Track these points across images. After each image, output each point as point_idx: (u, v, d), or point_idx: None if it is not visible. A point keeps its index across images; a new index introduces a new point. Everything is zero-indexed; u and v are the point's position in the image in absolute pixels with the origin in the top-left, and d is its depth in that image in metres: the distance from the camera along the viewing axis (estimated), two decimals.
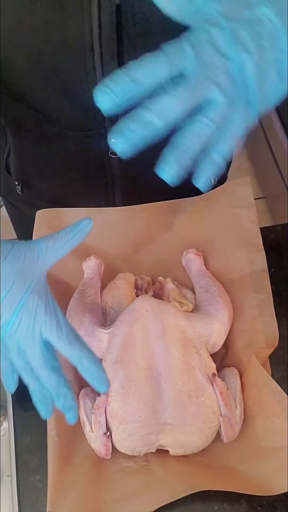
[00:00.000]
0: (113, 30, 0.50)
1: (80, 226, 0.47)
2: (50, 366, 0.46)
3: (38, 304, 0.44)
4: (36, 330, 0.44)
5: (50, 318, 0.45)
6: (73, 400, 0.47)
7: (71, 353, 0.45)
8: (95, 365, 0.46)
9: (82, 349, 0.45)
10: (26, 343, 0.45)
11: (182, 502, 0.55)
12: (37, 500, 0.59)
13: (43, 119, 0.62)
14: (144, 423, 0.55)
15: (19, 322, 0.44)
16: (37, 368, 0.46)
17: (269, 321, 0.63)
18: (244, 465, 0.56)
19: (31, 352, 0.45)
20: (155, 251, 0.70)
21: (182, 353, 0.58)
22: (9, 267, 0.44)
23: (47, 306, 0.45)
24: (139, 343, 0.58)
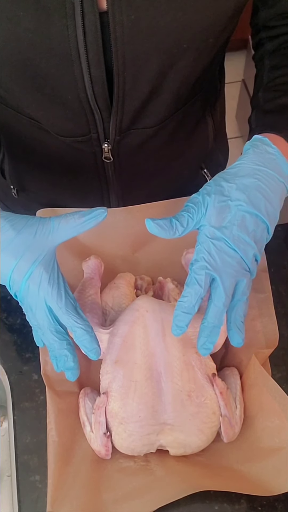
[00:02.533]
0: (98, 37, 0.50)
1: (94, 213, 0.51)
2: (54, 329, 0.51)
3: (43, 275, 0.49)
4: (41, 298, 0.50)
5: (52, 289, 0.50)
6: (73, 361, 0.52)
7: (67, 321, 0.51)
8: (87, 335, 0.51)
9: (77, 319, 0.51)
10: (35, 308, 0.50)
11: (182, 502, 0.55)
12: (37, 500, 0.59)
13: (35, 124, 0.62)
14: (144, 423, 0.55)
15: (28, 289, 0.50)
16: (43, 330, 0.51)
17: (269, 321, 0.63)
18: (244, 465, 0.56)
19: (39, 316, 0.51)
20: (155, 251, 0.70)
21: (182, 353, 0.58)
22: (21, 240, 0.49)
23: (52, 277, 0.50)
24: (139, 343, 0.58)
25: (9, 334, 0.70)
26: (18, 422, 0.63)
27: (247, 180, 0.52)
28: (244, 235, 0.51)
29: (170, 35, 0.51)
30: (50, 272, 0.50)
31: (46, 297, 0.50)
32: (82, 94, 0.55)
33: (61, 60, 0.52)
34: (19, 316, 0.71)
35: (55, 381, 0.61)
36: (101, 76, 0.54)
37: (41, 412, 0.63)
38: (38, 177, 0.75)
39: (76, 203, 0.72)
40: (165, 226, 0.51)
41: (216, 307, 0.52)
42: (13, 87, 0.56)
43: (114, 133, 0.61)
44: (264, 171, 0.53)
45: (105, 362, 0.59)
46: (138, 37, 0.51)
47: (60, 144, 0.64)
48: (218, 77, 0.73)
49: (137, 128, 0.62)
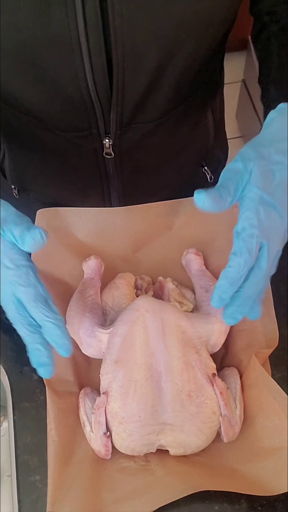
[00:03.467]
0: (99, 25, 0.50)
1: (33, 236, 0.46)
2: (25, 322, 0.48)
3: (9, 265, 0.47)
4: (8, 289, 0.47)
5: (19, 280, 0.47)
6: (47, 357, 0.48)
7: (35, 314, 0.47)
8: (57, 330, 0.47)
9: (47, 312, 0.47)
10: (4, 299, 0.48)
11: (182, 502, 0.55)
12: (37, 500, 0.59)
13: (35, 122, 0.62)
14: (144, 423, 0.55)
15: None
16: (15, 323, 0.48)
17: (269, 321, 0.63)
18: (244, 465, 0.56)
19: (7, 307, 0.48)
20: (155, 251, 0.70)
21: (182, 353, 0.58)
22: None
23: (18, 267, 0.47)
24: (139, 343, 0.58)
25: (9, 334, 0.70)
26: (18, 422, 0.63)
27: (284, 144, 0.49)
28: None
29: (169, 25, 0.51)
30: (16, 260, 0.47)
31: (14, 287, 0.47)
32: (83, 84, 0.55)
33: (61, 49, 0.51)
34: None
35: (55, 381, 0.61)
36: (102, 65, 0.53)
37: (41, 412, 0.63)
38: (39, 175, 0.75)
39: (77, 201, 0.72)
40: (217, 197, 0.46)
41: (257, 276, 0.48)
42: (13, 79, 0.56)
43: (114, 127, 0.61)
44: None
45: (105, 362, 0.59)
46: (137, 27, 0.51)
47: (60, 140, 0.64)
48: (219, 73, 0.73)
49: (138, 122, 0.62)
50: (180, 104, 0.64)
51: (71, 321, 0.62)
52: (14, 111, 0.61)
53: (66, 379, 0.62)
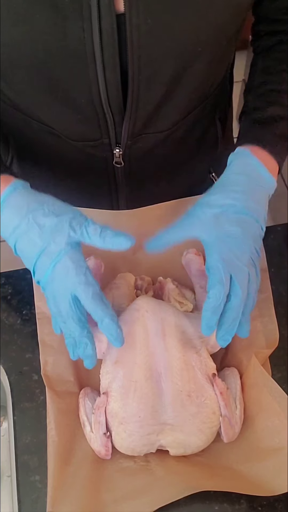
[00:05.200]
0: (114, 40, 0.50)
1: (121, 241, 0.52)
2: (76, 318, 0.51)
3: (70, 263, 0.50)
4: (67, 286, 0.50)
5: (79, 277, 0.50)
6: (92, 349, 0.53)
7: (93, 311, 0.51)
8: (114, 325, 0.52)
9: (104, 309, 0.51)
10: (59, 295, 0.51)
11: (182, 502, 0.55)
12: (37, 500, 0.59)
13: (46, 129, 0.62)
14: (144, 423, 0.55)
15: (53, 274, 0.50)
16: (65, 318, 0.52)
17: (269, 321, 0.63)
18: (244, 465, 0.56)
19: (62, 304, 0.51)
20: None
21: (182, 353, 0.58)
22: (52, 225, 0.51)
23: (79, 266, 0.51)
24: (139, 343, 0.58)
25: (9, 334, 0.70)
26: (18, 422, 0.63)
27: (236, 187, 0.55)
28: (241, 231, 0.53)
29: (186, 39, 0.51)
30: (77, 262, 0.51)
31: (73, 285, 0.50)
32: (96, 97, 0.55)
33: (76, 63, 0.51)
34: (19, 316, 0.71)
35: (55, 381, 0.61)
36: (116, 79, 0.53)
37: (41, 412, 0.63)
38: (47, 180, 0.75)
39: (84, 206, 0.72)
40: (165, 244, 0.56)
41: (235, 301, 0.53)
42: (26, 89, 0.56)
43: (126, 137, 0.61)
44: (245, 179, 0.56)
45: (105, 362, 0.59)
46: (154, 41, 0.50)
47: (71, 148, 0.64)
48: (228, 81, 0.73)
49: (148, 132, 0.62)
50: (190, 113, 0.64)
51: None
52: (25, 118, 0.61)
53: (66, 379, 0.62)
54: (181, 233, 0.55)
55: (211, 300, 0.51)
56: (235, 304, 0.53)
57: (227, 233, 0.53)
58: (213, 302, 0.51)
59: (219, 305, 0.51)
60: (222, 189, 0.55)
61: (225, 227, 0.53)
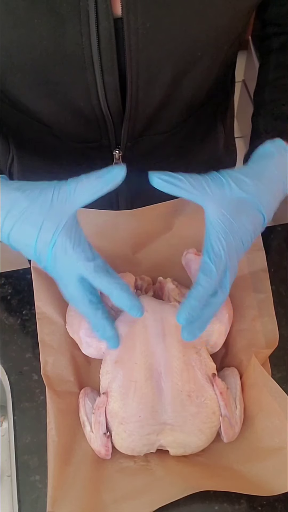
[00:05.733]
0: (112, 44, 0.50)
1: (111, 174, 0.48)
2: (87, 300, 0.50)
3: (67, 243, 0.47)
4: (70, 268, 0.48)
5: (78, 254, 0.48)
6: (111, 329, 0.51)
7: (99, 284, 0.49)
8: (125, 293, 0.49)
9: (110, 281, 0.48)
10: (65, 279, 0.49)
11: (182, 502, 0.55)
12: (37, 500, 0.59)
13: (45, 129, 0.62)
14: (144, 423, 0.55)
15: (55, 259, 0.48)
16: (76, 302, 0.50)
17: (269, 321, 0.63)
18: (244, 465, 0.56)
19: (70, 287, 0.49)
20: (155, 251, 0.70)
21: (182, 353, 0.58)
22: (37, 209, 0.47)
23: (76, 243, 0.48)
24: (139, 343, 0.58)
25: (9, 334, 0.70)
26: (18, 422, 0.63)
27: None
28: (251, 227, 0.51)
29: (185, 43, 0.51)
30: (73, 239, 0.48)
31: (74, 264, 0.48)
32: (95, 101, 0.55)
33: (74, 67, 0.51)
34: (19, 316, 0.71)
35: (55, 381, 0.61)
36: (114, 83, 0.53)
37: (41, 412, 0.63)
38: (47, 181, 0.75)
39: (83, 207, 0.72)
40: (171, 182, 0.50)
41: (220, 298, 0.51)
42: (25, 93, 0.56)
43: (125, 139, 0.61)
44: (278, 175, 0.53)
45: (105, 362, 0.59)
46: (152, 45, 0.50)
47: (70, 149, 0.64)
48: (230, 84, 0.73)
49: (148, 134, 0.62)
50: (191, 115, 0.63)
51: (71, 321, 0.62)
52: (25, 118, 0.61)
53: (66, 379, 0.62)
54: (191, 189, 0.50)
55: (201, 289, 0.49)
56: (219, 301, 0.51)
57: (239, 222, 0.50)
58: (203, 291, 0.49)
59: (207, 297, 0.49)
60: (256, 176, 0.52)
61: (241, 216, 0.50)
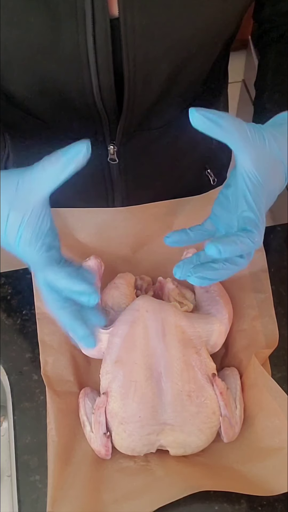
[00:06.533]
0: (108, 43, 0.50)
1: (73, 150, 0.44)
2: (50, 299, 0.47)
3: (31, 237, 0.45)
4: (37, 266, 0.46)
5: (38, 248, 0.45)
6: (81, 329, 0.48)
7: (51, 277, 0.46)
8: (71, 280, 0.46)
9: (57, 270, 0.46)
10: (35, 273, 0.47)
11: (182, 502, 0.55)
12: (37, 500, 0.59)
13: (41, 125, 0.62)
14: (144, 423, 0.55)
15: (24, 252, 0.45)
16: (45, 300, 0.48)
17: (269, 321, 0.63)
18: (244, 465, 0.56)
19: (39, 284, 0.48)
20: (155, 251, 0.70)
21: (182, 353, 0.58)
22: (4, 199, 0.44)
23: (37, 236, 0.45)
24: (139, 343, 0.58)
25: (9, 334, 0.70)
26: (18, 422, 0.63)
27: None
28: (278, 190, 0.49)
29: (181, 40, 0.52)
30: (37, 230, 0.45)
31: (36, 257, 0.45)
32: (90, 99, 0.55)
33: (70, 66, 0.52)
34: (19, 316, 0.71)
35: (55, 381, 0.61)
36: (110, 82, 0.54)
37: (41, 412, 0.63)
38: None
39: (80, 203, 0.72)
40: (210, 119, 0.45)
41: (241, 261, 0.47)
42: (22, 89, 0.56)
43: (120, 135, 0.61)
44: None
45: (105, 362, 0.59)
46: (149, 42, 0.51)
47: (65, 144, 0.64)
48: (223, 77, 0.73)
49: (143, 130, 0.63)
50: (184, 110, 0.64)
51: None
52: (21, 113, 0.62)
53: (66, 379, 0.62)
54: (233, 131, 0.45)
55: (246, 241, 0.44)
56: (241, 263, 0.47)
57: (272, 180, 0.46)
58: (244, 246, 0.44)
59: (237, 251, 0.45)
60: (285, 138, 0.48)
61: (274, 175, 0.46)
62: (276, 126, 0.49)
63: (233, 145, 0.45)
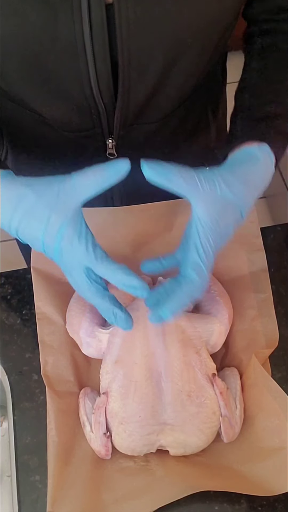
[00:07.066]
0: (104, 32, 0.50)
1: (116, 167, 0.49)
2: (94, 289, 0.51)
3: (73, 235, 0.49)
4: (76, 258, 0.49)
5: (82, 245, 0.49)
6: (122, 312, 0.53)
7: (104, 272, 0.50)
8: (128, 276, 0.50)
9: (111, 265, 0.50)
10: (72, 269, 0.51)
11: (182, 502, 0.55)
12: (37, 500, 0.59)
13: (39, 119, 0.62)
14: (144, 423, 0.55)
15: (61, 252, 0.49)
16: (83, 292, 0.52)
17: (269, 321, 0.63)
18: (244, 465, 0.56)
19: (77, 278, 0.51)
20: (155, 251, 0.70)
21: (182, 353, 0.58)
22: (45, 203, 0.48)
23: (81, 235, 0.49)
24: (139, 343, 0.58)
25: (9, 334, 0.70)
26: (18, 422, 0.63)
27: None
28: (232, 232, 0.53)
29: (175, 31, 0.52)
30: (78, 230, 0.49)
31: (79, 255, 0.49)
32: (87, 88, 0.55)
33: (67, 55, 0.52)
34: (19, 316, 0.71)
35: (55, 381, 0.61)
36: (107, 71, 0.54)
37: (41, 412, 0.63)
38: (41, 173, 0.75)
39: None
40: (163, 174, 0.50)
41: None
42: (18, 81, 0.56)
43: (118, 127, 0.61)
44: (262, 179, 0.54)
45: (105, 362, 0.59)
46: (143, 32, 0.51)
47: (63, 139, 0.64)
48: (221, 73, 0.73)
49: (141, 123, 0.62)
50: (182, 104, 0.64)
51: (71, 321, 0.62)
52: (18, 108, 0.62)
53: (66, 379, 0.62)
54: (182, 183, 0.49)
55: (192, 287, 0.51)
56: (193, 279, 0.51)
57: (225, 223, 0.51)
58: (192, 291, 0.51)
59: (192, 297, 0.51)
60: (243, 179, 0.52)
61: (227, 217, 0.51)
62: (234, 166, 0.53)
63: (184, 195, 0.50)
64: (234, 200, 0.51)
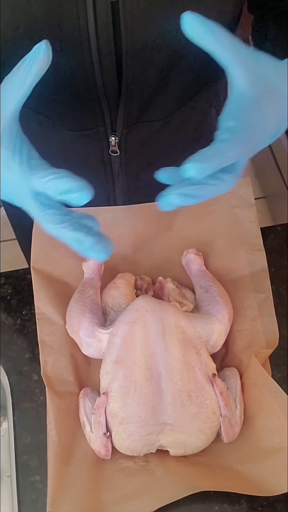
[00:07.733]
0: (109, 26, 0.50)
1: (33, 51, 0.42)
2: (48, 217, 0.43)
3: (7, 154, 0.42)
4: (15, 180, 0.43)
5: (15, 163, 0.42)
6: (87, 238, 0.44)
7: (41, 183, 0.42)
8: (70, 179, 0.43)
9: (51, 172, 0.43)
10: (23, 199, 0.44)
11: (182, 503, 0.55)
12: (37, 500, 0.59)
13: (42, 118, 0.62)
14: (144, 423, 0.55)
15: (4, 182, 0.44)
16: (41, 224, 0.44)
17: (269, 321, 0.63)
18: (244, 466, 0.56)
19: (29, 207, 0.44)
20: (155, 251, 0.70)
21: (182, 353, 0.58)
22: None
23: (15, 151, 0.43)
24: (139, 343, 0.58)
25: (9, 334, 0.70)
26: (18, 422, 0.63)
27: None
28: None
29: (179, 25, 0.52)
30: (12, 147, 0.43)
31: (15, 174, 0.43)
32: (92, 84, 0.55)
33: (71, 49, 0.52)
34: (19, 316, 0.71)
35: (55, 381, 0.61)
36: (111, 66, 0.54)
37: (41, 412, 0.63)
38: None
39: None
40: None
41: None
42: None
43: (121, 125, 0.61)
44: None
45: (105, 362, 0.59)
46: (147, 26, 0.51)
47: (66, 137, 0.64)
48: (223, 69, 0.73)
49: (144, 121, 0.62)
50: (185, 103, 0.64)
51: (71, 321, 0.62)
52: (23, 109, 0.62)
53: (66, 379, 0.62)
54: (226, 43, 0.43)
55: (222, 147, 0.44)
56: (227, 179, 0.45)
57: (269, 108, 0.44)
58: (220, 154, 0.44)
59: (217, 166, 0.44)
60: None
61: (271, 103, 0.44)
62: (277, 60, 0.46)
63: (225, 58, 0.43)
64: (279, 85, 0.44)
